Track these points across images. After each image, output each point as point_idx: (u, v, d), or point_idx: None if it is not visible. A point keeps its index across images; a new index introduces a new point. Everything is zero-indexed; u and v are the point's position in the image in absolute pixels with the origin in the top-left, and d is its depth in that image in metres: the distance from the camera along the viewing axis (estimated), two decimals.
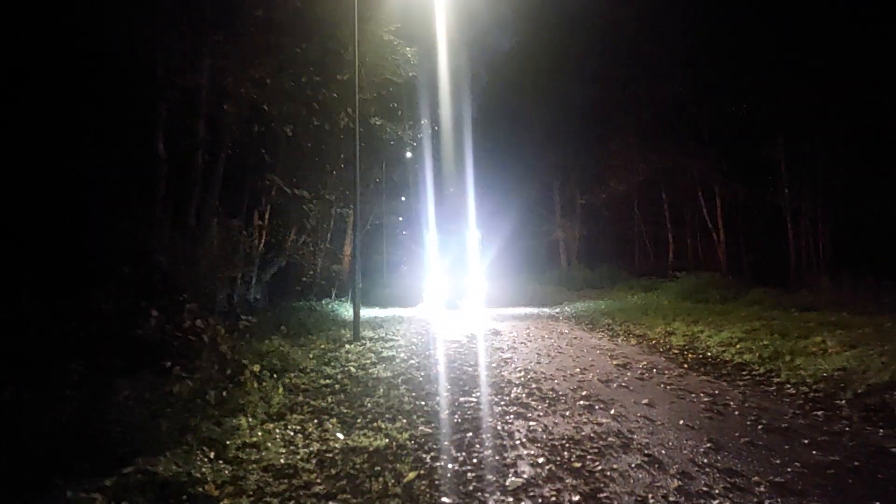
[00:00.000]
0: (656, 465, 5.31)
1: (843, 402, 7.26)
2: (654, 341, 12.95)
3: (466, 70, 35.17)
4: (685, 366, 10.20)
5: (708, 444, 5.83)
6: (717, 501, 4.48)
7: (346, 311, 18.58)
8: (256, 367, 8.15)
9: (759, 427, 6.40)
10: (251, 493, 4.76)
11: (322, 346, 12.06)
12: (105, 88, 11.38)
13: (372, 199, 25.89)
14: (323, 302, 19.09)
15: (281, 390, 8.00)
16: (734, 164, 25.87)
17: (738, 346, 11.06)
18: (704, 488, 4.74)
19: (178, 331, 7.96)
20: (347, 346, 12.47)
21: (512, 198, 40.80)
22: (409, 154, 26.54)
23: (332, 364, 10.42)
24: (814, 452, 5.52)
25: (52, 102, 10.76)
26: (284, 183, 16.47)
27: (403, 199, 32.30)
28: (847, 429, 6.26)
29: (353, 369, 10.03)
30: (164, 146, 11.83)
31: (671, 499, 4.56)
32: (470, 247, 26.35)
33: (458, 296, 24.23)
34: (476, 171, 33.88)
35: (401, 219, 33.94)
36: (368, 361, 10.86)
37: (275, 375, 8.58)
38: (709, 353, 11.05)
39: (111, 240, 10.43)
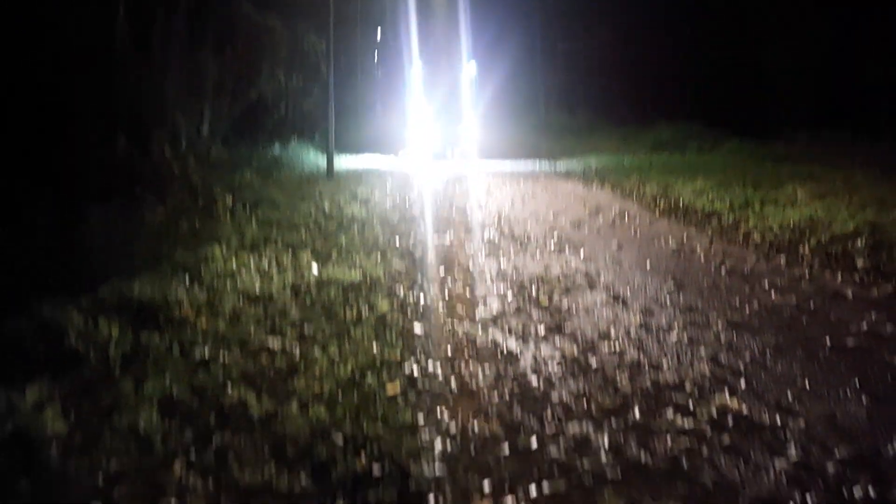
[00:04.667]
0: (620, 303, 5.49)
1: (806, 249, 7.46)
2: (628, 189, 13.02)
3: None
4: (657, 212, 10.35)
5: (671, 285, 6.03)
6: (675, 333, 4.68)
7: (319, 150, 18.27)
8: (229, 200, 8.10)
9: (723, 270, 6.60)
10: (228, 316, 4.83)
11: (296, 183, 11.97)
12: None
13: (346, 34, 24.49)
14: (294, 139, 18.71)
15: (254, 223, 7.98)
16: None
17: (710, 194, 11.17)
18: (664, 324, 4.93)
19: (146, 158, 7.79)
20: (322, 182, 12.40)
21: (505, 39, 38.82)
22: None
23: (307, 200, 10.39)
24: (772, 295, 5.73)
25: None
26: (255, 11, 15.59)
27: (379, 27, 30.38)
28: (807, 274, 6.47)
29: (327, 206, 10.01)
30: None
31: (632, 334, 4.75)
32: (463, 86, 24.46)
33: (447, 144, 22.59)
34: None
35: (377, 54, 32.52)
36: (343, 199, 10.83)
37: (247, 208, 8.53)
38: (681, 201, 11.17)
39: (71, 72, 9.88)
